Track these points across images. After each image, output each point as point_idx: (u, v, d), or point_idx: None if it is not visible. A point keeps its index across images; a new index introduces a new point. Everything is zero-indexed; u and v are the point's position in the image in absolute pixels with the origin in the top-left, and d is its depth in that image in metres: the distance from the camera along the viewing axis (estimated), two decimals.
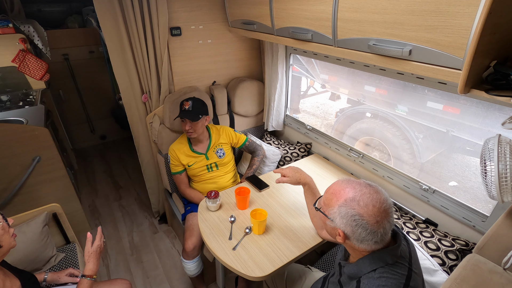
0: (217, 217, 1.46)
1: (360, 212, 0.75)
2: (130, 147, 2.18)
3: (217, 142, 1.87)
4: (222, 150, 1.87)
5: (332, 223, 0.80)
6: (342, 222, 0.77)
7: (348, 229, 0.77)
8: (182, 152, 1.80)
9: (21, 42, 2.11)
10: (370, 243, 0.76)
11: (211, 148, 1.84)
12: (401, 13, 0.92)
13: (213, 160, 1.85)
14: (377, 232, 0.75)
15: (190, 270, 1.66)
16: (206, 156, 1.83)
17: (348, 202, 0.77)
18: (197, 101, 1.72)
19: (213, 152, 1.85)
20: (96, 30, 3.20)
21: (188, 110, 1.68)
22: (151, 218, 2.55)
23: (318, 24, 1.26)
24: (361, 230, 0.75)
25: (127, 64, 1.85)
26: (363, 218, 0.74)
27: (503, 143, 0.88)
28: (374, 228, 0.74)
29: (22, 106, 2.17)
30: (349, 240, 0.80)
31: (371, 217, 0.74)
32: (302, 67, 2.99)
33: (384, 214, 0.75)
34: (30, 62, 2.18)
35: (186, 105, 1.69)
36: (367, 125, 2.54)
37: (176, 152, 1.80)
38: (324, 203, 0.85)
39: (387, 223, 0.76)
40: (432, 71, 0.91)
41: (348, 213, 0.76)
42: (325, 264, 1.53)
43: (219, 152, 1.86)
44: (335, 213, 0.79)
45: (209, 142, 1.85)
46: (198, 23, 1.96)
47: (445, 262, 1.25)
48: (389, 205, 0.77)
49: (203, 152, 1.83)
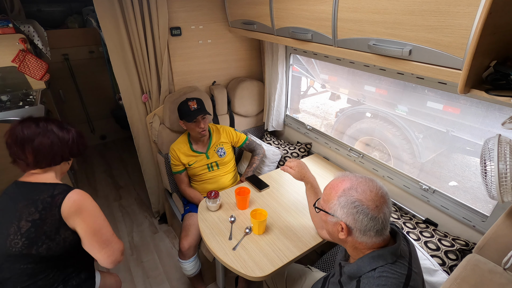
0: (217, 217, 1.46)
1: (360, 198, 0.77)
2: (130, 147, 2.17)
3: (218, 141, 1.87)
4: (223, 149, 1.87)
5: (334, 218, 0.81)
6: (343, 212, 0.78)
7: (350, 219, 0.78)
8: (183, 152, 1.80)
9: (21, 42, 2.11)
10: (372, 234, 0.77)
11: (212, 147, 1.84)
12: (401, 13, 0.92)
13: (214, 159, 1.84)
14: (378, 218, 0.76)
15: (187, 270, 1.66)
16: (206, 155, 1.83)
17: (347, 191, 0.79)
18: (199, 99, 1.73)
19: (213, 151, 1.84)
20: (96, 30, 3.20)
21: (198, 108, 1.68)
22: (151, 218, 2.55)
23: (318, 24, 1.26)
24: (363, 217, 0.76)
25: (127, 64, 1.85)
26: (362, 203, 0.76)
27: (503, 143, 0.88)
28: (374, 213, 0.76)
29: (22, 106, 2.17)
30: (351, 235, 0.80)
31: (370, 202, 0.76)
32: (302, 67, 2.98)
33: (382, 200, 0.77)
34: (30, 62, 2.18)
35: (194, 105, 1.68)
36: (367, 125, 2.54)
37: (176, 151, 1.79)
38: (323, 200, 0.87)
39: (386, 208, 0.77)
40: (432, 71, 0.91)
41: (348, 201, 0.78)
42: (325, 264, 1.53)
43: (220, 151, 1.86)
44: (335, 205, 0.80)
45: (209, 141, 1.85)
46: (198, 23, 1.96)
47: (445, 262, 1.25)
48: (385, 192, 0.80)
49: (203, 151, 1.83)
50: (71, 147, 1.04)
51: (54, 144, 0.99)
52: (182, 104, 1.72)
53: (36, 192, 0.94)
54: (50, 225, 0.92)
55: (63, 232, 0.95)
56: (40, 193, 0.94)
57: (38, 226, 0.91)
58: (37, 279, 0.96)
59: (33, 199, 0.92)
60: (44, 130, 0.98)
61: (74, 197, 0.95)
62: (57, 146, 1.00)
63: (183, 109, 1.71)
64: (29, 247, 0.91)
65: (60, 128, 1.02)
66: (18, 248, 0.91)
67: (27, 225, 0.91)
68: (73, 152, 1.06)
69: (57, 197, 0.93)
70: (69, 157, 1.06)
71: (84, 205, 0.96)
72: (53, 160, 1.01)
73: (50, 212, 0.92)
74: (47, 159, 0.99)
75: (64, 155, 1.03)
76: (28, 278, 0.95)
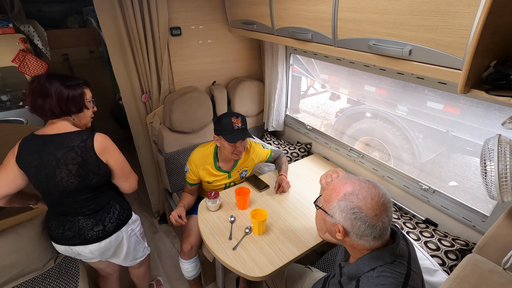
0: (217, 217, 1.46)
1: (359, 205, 0.76)
2: (130, 147, 2.17)
3: (245, 164, 1.70)
4: (247, 171, 1.75)
5: (332, 219, 0.81)
6: (342, 216, 0.78)
7: (347, 223, 0.77)
8: (205, 169, 1.61)
9: (21, 42, 2.10)
10: (369, 239, 0.77)
11: (237, 168, 1.69)
12: (401, 13, 0.92)
13: (234, 179, 1.72)
14: (376, 226, 0.75)
15: (188, 271, 1.65)
16: (229, 175, 1.68)
17: (347, 196, 0.78)
18: (243, 117, 1.53)
19: (237, 172, 1.71)
20: (96, 30, 3.19)
21: (242, 128, 1.48)
22: (151, 218, 2.55)
23: (318, 24, 1.26)
24: (360, 223, 0.75)
25: (127, 64, 1.85)
26: (362, 211, 0.75)
27: (503, 143, 0.88)
28: (373, 221, 0.75)
29: (22, 106, 2.18)
30: (348, 236, 0.80)
31: (369, 210, 0.75)
32: (302, 67, 2.99)
33: (383, 208, 0.76)
34: (30, 62, 2.18)
35: (238, 123, 1.47)
36: (367, 125, 2.54)
37: (197, 168, 1.60)
38: (324, 200, 0.86)
39: (386, 217, 0.76)
40: (432, 71, 0.91)
41: (347, 206, 0.77)
42: (325, 264, 1.53)
43: (243, 174, 1.74)
44: (334, 208, 0.80)
45: (236, 161, 1.67)
46: (198, 23, 1.96)
47: (445, 262, 1.25)
48: (388, 200, 0.78)
49: (227, 170, 1.67)
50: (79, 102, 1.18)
51: (71, 97, 1.13)
52: (225, 118, 1.48)
53: (68, 140, 1.10)
54: (92, 163, 1.12)
55: (103, 167, 1.16)
56: (72, 140, 1.10)
57: (84, 166, 1.11)
58: (97, 201, 1.23)
59: (69, 146, 1.09)
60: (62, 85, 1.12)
61: (99, 138, 1.14)
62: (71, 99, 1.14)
63: (225, 124, 1.47)
64: (83, 182, 1.13)
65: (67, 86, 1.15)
66: (75, 185, 1.12)
67: (75, 167, 1.10)
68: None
69: (87, 141, 1.11)
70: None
71: (108, 144, 1.17)
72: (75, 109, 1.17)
73: (88, 154, 1.11)
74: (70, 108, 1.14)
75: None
76: (91, 202, 1.21)
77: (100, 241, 1.25)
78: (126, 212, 1.34)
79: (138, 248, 1.48)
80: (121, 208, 1.32)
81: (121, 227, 1.31)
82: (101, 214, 1.25)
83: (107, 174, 1.19)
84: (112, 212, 1.28)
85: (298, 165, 1.95)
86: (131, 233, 1.38)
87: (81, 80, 1.20)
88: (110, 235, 1.27)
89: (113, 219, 1.27)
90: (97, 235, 1.23)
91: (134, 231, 1.40)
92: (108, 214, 1.26)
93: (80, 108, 1.18)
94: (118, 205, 1.31)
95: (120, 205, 1.32)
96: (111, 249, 1.33)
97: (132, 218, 1.38)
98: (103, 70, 3.45)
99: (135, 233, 1.41)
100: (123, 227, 1.32)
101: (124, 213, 1.33)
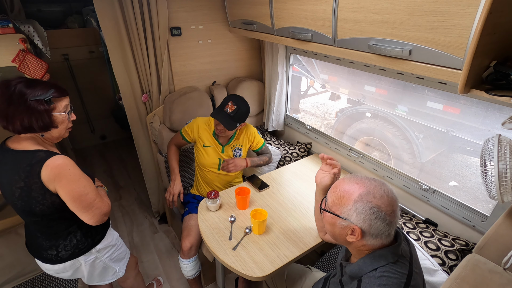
0: (217, 217, 1.46)
1: (378, 203, 0.75)
2: (130, 147, 2.17)
3: (239, 142, 1.78)
4: (240, 151, 1.79)
5: (345, 222, 0.79)
6: (360, 218, 0.76)
7: (365, 224, 0.76)
8: (205, 131, 1.71)
9: (21, 42, 2.10)
10: (383, 237, 0.77)
11: (231, 143, 1.75)
12: (401, 13, 0.92)
13: (227, 156, 1.76)
14: (393, 223, 0.76)
15: (187, 271, 1.66)
16: (223, 148, 1.74)
17: (364, 197, 0.77)
18: (243, 106, 1.56)
19: (230, 148, 1.76)
20: (96, 30, 3.20)
21: (229, 114, 1.53)
22: (151, 218, 2.55)
23: (318, 24, 1.26)
24: (380, 223, 0.75)
25: (127, 64, 1.85)
26: (381, 209, 0.75)
27: (503, 143, 0.88)
28: (391, 218, 0.75)
29: None
30: (363, 238, 0.78)
31: (388, 207, 0.75)
32: (302, 67, 2.98)
33: (396, 204, 0.78)
34: (30, 62, 2.18)
35: (230, 108, 1.52)
36: (367, 125, 2.54)
37: (199, 127, 1.71)
38: (333, 204, 0.83)
39: (398, 212, 0.78)
40: (432, 71, 0.91)
41: (366, 207, 0.75)
42: (325, 264, 1.53)
43: (236, 152, 1.78)
44: (350, 210, 0.78)
45: (231, 137, 1.75)
46: (198, 23, 1.96)
47: (445, 262, 1.25)
48: (396, 195, 0.80)
49: (222, 143, 1.74)
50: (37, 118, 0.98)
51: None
52: (228, 97, 1.58)
53: (17, 160, 0.97)
54: (36, 191, 0.97)
55: (49, 197, 1.00)
56: (20, 161, 0.97)
57: (27, 191, 0.97)
58: (51, 226, 1.09)
59: (16, 168, 0.97)
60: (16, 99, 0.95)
61: (52, 164, 0.96)
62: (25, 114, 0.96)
63: (223, 100, 1.59)
64: (27, 207, 1.00)
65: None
66: (19, 208, 1.02)
67: (17, 191, 0.97)
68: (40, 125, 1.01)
69: (34, 166, 0.95)
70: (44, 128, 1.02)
71: (62, 173, 0.97)
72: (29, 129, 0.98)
73: (32, 180, 0.96)
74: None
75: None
76: (43, 227, 1.09)
77: (53, 264, 1.15)
78: (89, 241, 1.18)
79: (106, 273, 1.33)
80: (84, 237, 1.16)
81: (78, 256, 1.16)
82: (56, 239, 1.12)
83: (54, 204, 1.02)
84: (69, 240, 1.13)
85: (298, 165, 1.95)
86: (95, 260, 1.23)
87: (51, 93, 1.00)
88: (64, 262, 1.15)
89: (68, 247, 1.13)
90: (51, 257, 1.14)
91: (101, 259, 1.25)
92: (64, 241, 1.13)
93: (45, 127, 1.01)
94: (81, 233, 1.15)
95: (84, 234, 1.16)
96: (67, 272, 1.21)
97: (97, 247, 1.21)
98: (103, 70, 3.45)
99: (102, 260, 1.26)
100: (80, 256, 1.17)
101: (85, 242, 1.16)
